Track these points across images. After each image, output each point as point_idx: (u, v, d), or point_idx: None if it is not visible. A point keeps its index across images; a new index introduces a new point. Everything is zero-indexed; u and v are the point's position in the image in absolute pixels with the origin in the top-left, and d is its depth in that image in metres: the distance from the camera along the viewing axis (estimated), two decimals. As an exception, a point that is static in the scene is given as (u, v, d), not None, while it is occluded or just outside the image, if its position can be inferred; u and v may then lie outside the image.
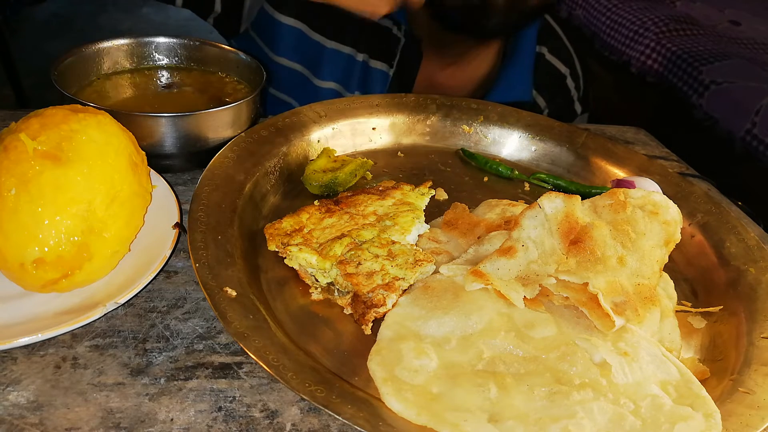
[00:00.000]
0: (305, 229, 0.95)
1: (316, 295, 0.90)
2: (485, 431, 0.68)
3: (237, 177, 1.01)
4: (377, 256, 0.89)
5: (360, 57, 1.59)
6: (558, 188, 1.23)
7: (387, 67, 1.59)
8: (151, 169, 0.96)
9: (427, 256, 0.91)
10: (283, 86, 1.65)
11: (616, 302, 0.83)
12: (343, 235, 0.93)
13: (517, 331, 0.80)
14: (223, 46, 1.26)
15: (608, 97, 3.51)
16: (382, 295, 0.84)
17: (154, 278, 0.85)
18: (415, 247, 0.93)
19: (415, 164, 1.25)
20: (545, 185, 1.24)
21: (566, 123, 1.36)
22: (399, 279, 0.86)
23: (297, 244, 0.91)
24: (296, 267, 0.91)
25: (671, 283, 0.97)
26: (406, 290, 0.87)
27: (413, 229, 0.96)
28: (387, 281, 0.86)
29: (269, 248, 0.93)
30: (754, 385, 0.80)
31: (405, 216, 0.98)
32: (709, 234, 1.10)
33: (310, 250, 0.90)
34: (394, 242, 0.92)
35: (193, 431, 0.70)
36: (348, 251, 0.90)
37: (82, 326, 0.78)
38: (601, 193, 1.04)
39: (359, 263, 0.88)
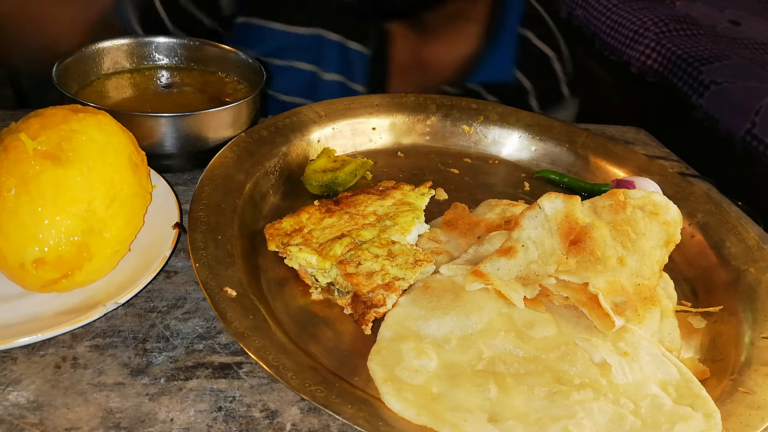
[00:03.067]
0: (305, 229, 0.95)
1: (316, 295, 0.90)
2: (485, 431, 0.68)
3: (237, 177, 1.01)
4: (377, 256, 0.89)
5: (332, 37, 1.58)
6: (565, 185, 1.24)
7: (363, 47, 1.59)
8: (151, 169, 0.96)
9: (427, 256, 0.91)
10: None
11: (616, 302, 0.83)
12: (343, 235, 0.93)
13: (517, 331, 0.80)
14: (223, 46, 1.26)
15: (608, 97, 3.51)
16: (382, 295, 0.84)
17: (154, 278, 0.85)
18: (415, 247, 0.93)
19: (415, 164, 1.25)
20: (554, 179, 1.25)
21: (565, 123, 1.36)
22: (399, 279, 0.86)
23: (297, 244, 0.91)
24: (296, 267, 0.91)
25: (671, 283, 0.97)
26: (406, 290, 0.87)
27: (413, 229, 0.96)
28: (387, 281, 0.86)
29: (269, 248, 0.93)
30: (754, 385, 0.80)
31: (405, 216, 0.98)
32: (709, 234, 1.10)
33: (310, 250, 0.90)
34: (394, 242, 0.92)
35: (193, 431, 0.70)
36: (348, 251, 0.90)
37: (82, 326, 0.78)
38: (608, 190, 1.04)
39: (359, 263, 0.88)
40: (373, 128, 1.27)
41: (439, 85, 1.64)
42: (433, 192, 1.10)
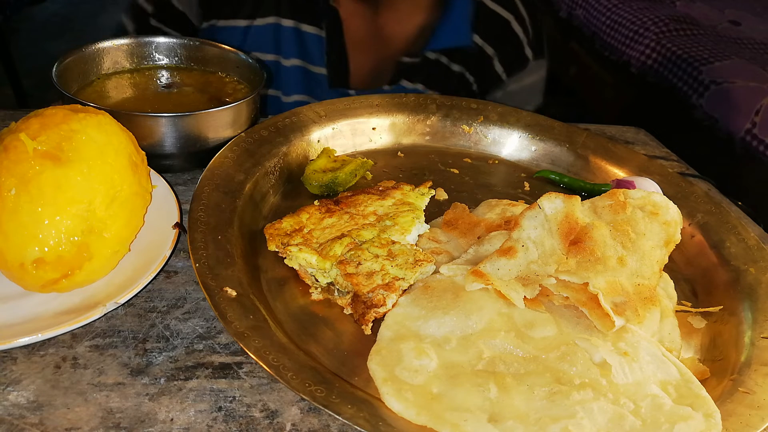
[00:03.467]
0: (305, 229, 0.95)
1: (316, 295, 0.90)
2: (485, 431, 0.68)
3: (237, 177, 1.01)
4: (377, 256, 0.89)
5: (287, 24, 1.59)
6: (565, 185, 1.25)
7: (317, 29, 1.59)
8: (151, 169, 0.96)
9: (427, 256, 0.91)
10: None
11: (616, 302, 0.83)
12: (343, 235, 0.93)
13: (517, 331, 0.80)
14: (223, 46, 1.26)
15: (608, 97, 3.51)
16: (382, 295, 0.84)
17: (154, 278, 0.85)
18: (415, 247, 0.93)
19: (415, 164, 1.25)
20: (554, 179, 1.25)
21: (565, 123, 1.36)
22: (399, 279, 0.86)
23: (297, 244, 0.91)
24: (296, 267, 0.91)
25: (671, 283, 0.97)
26: (406, 290, 0.87)
27: (413, 229, 0.96)
28: (387, 281, 0.86)
29: (269, 248, 0.93)
30: (754, 385, 0.80)
31: (405, 216, 0.98)
32: (709, 234, 1.10)
33: (310, 250, 0.90)
34: (394, 242, 0.92)
35: (193, 431, 0.70)
36: (348, 251, 0.90)
37: (82, 326, 0.78)
38: (608, 190, 1.04)
39: (359, 263, 0.88)
40: (373, 128, 1.27)
41: (398, 57, 1.63)
42: (433, 192, 1.10)
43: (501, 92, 1.73)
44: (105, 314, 0.80)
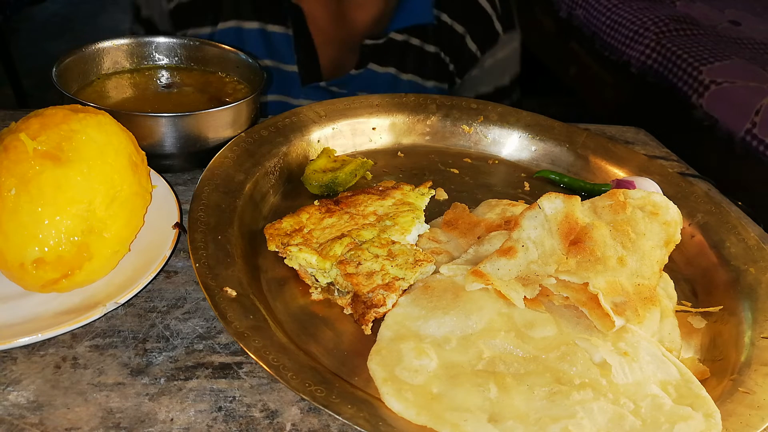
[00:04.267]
0: (305, 229, 0.95)
1: (316, 295, 0.90)
2: (485, 431, 0.68)
3: (237, 177, 1.01)
4: (377, 256, 0.89)
5: (250, 26, 1.59)
6: (565, 185, 1.25)
7: (284, 28, 1.59)
8: (151, 169, 0.96)
9: (427, 256, 0.91)
10: None
11: (616, 302, 0.83)
12: (343, 235, 0.93)
13: (517, 331, 0.80)
14: (223, 46, 1.26)
15: (608, 97, 3.52)
16: (382, 295, 0.84)
17: (154, 278, 0.85)
18: (415, 247, 0.93)
19: (415, 164, 1.25)
20: (554, 179, 1.25)
21: (565, 123, 1.36)
22: (399, 279, 0.86)
23: (297, 244, 0.91)
24: (296, 267, 0.91)
25: (671, 283, 0.97)
26: (406, 290, 0.87)
27: (413, 229, 0.96)
28: (387, 281, 0.86)
29: (269, 248, 0.93)
30: (754, 385, 0.80)
31: (405, 216, 0.98)
32: (709, 234, 1.10)
33: (310, 250, 0.90)
34: (394, 242, 0.92)
35: (193, 431, 0.70)
36: (348, 251, 0.90)
37: (82, 326, 0.78)
38: (608, 190, 1.04)
39: (359, 263, 0.88)
40: (373, 128, 1.27)
41: (362, 40, 1.62)
42: (433, 192, 1.10)
43: (477, 70, 1.73)
44: (105, 314, 0.80)
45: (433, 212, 1.07)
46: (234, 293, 0.80)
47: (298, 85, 1.63)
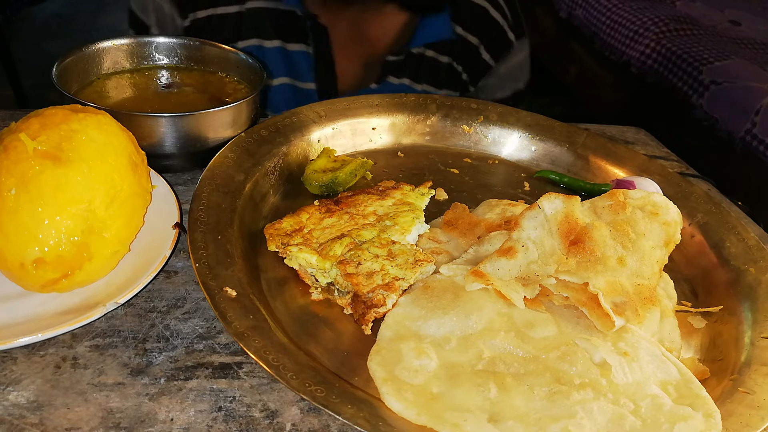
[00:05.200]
0: (305, 229, 0.95)
1: (316, 295, 0.90)
2: (485, 431, 0.68)
3: (237, 177, 1.01)
4: (377, 256, 0.89)
5: (270, 44, 1.61)
6: (565, 185, 1.25)
7: (305, 47, 1.61)
8: (151, 169, 0.96)
9: (427, 256, 0.91)
10: None
11: (616, 302, 0.83)
12: (343, 235, 0.93)
13: (517, 331, 0.80)
14: (223, 46, 1.26)
15: (608, 97, 3.52)
16: (382, 295, 0.84)
17: (154, 278, 0.85)
18: (415, 247, 0.93)
19: (415, 164, 1.25)
20: (554, 179, 1.25)
21: (565, 123, 1.36)
22: (399, 279, 0.86)
23: (297, 244, 0.91)
24: (296, 267, 0.91)
25: (671, 283, 0.97)
26: (406, 290, 0.87)
27: (413, 229, 0.96)
28: (387, 281, 0.86)
29: (269, 248, 0.93)
30: (754, 385, 0.80)
31: (405, 216, 0.98)
32: (709, 234, 1.10)
33: (310, 250, 0.90)
34: (394, 242, 0.92)
35: (193, 431, 0.70)
36: (348, 251, 0.90)
37: (82, 326, 0.78)
38: (608, 190, 1.04)
39: (359, 263, 0.88)
40: (373, 128, 1.27)
41: (383, 56, 1.64)
42: (433, 192, 1.10)
43: (493, 78, 1.76)
44: (105, 314, 0.80)
45: (433, 212, 1.07)
46: (234, 293, 0.80)
47: (312, 102, 1.66)
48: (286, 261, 0.92)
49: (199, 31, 1.60)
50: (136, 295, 0.83)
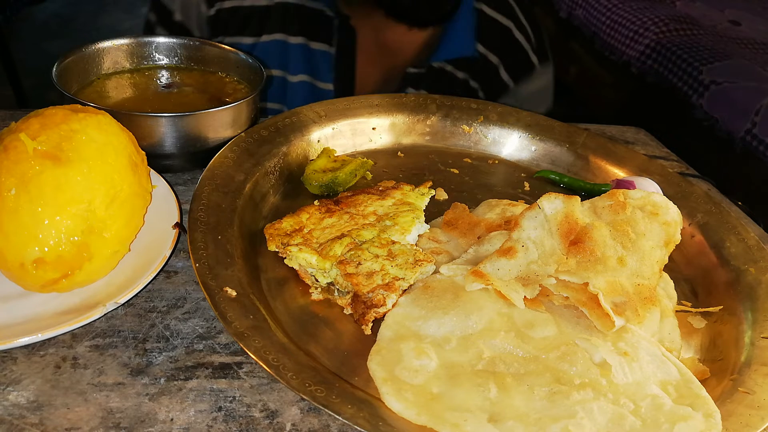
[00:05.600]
0: (305, 229, 0.95)
1: (316, 295, 0.90)
2: (485, 431, 0.68)
3: (237, 177, 1.01)
4: (377, 256, 0.89)
5: (294, 41, 1.61)
6: (565, 185, 1.25)
7: (327, 47, 1.62)
8: (151, 169, 0.96)
9: (427, 256, 0.91)
10: None
11: (616, 302, 0.83)
12: (343, 235, 0.93)
13: (517, 331, 0.80)
14: (223, 46, 1.26)
15: (608, 97, 3.51)
16: (382, 295, 0.84)
17: (154, 278, 0.85)
18: (415, 247, 0.93)
19: (415, 164, 1.25)
20: (554, 179, 1.25)
21: (565, 123, 1.36)
22: (399, 279, 0.86)
23: (297, 244, 0.91)
24: (296, 267, 0.91)
25: (671, 283, 0.97)
26: (406, 290, 0.87)
27: (413, 229, 0.96)
28: (387, 281, 0.86)
29: (269, 248, 0.93)
30: (754, 385, 0.80)
31: (405, 216, 0.98)
32: (709, 234, 1.10)
33: (310, 250, 0.90)
34: (394, 242, 0.92)
35: (193, 431, 0.70)
36: (348, 251, 0.90)
37: (82, 326, 0.78)
38: (608, 190, 1.04)
39: (359, 263, 0.88)
40: (373, 128, 1.27)
41: (404, 68, 1.65)
42: (433, 192, 1.10)
43: (511, 99, 1.76)
44: (105, 314, 0.80)
45: (433, 212, 1.07)
46: (234, 293, 0.80)
47: None
48: (286, 261, 0.92)
49: (223, 21, 1.59)
50: (136, 295, 0.83)
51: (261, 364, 0.70)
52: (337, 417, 0.66)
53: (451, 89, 1.68)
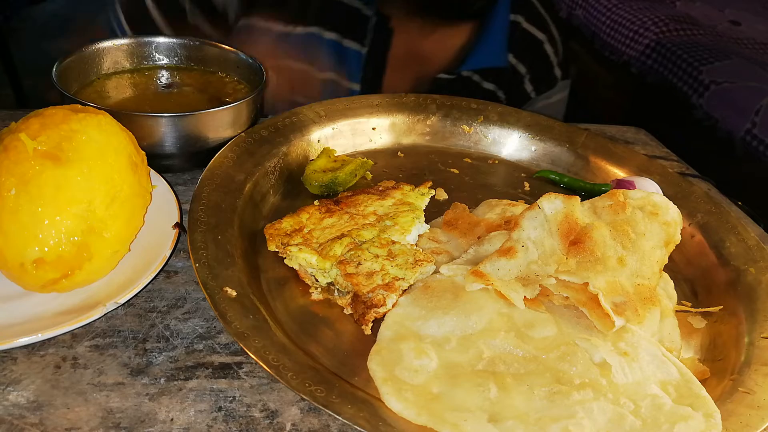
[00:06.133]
0: (305, 229, 0.95)
1: (316, 295, 0.90)
2: (485, 431, 0.68)
3: (237, 177, 1.01)
4: (377, 256, 0.89)
5: (328, 36, 1.61)
6: (565, 185, 1.25)
7: (359, 46, 1.61)
8: (151, 169, 0.96)
9: (427, 256, 0.91)
10: None
11: (616, 302, 0.83)
12: (343, 235, 0.93)
13: (517, 331, 0.80)
14: (223, 46, 1.26)
15: (608, 97, 3.51)
16: (382, 295, 0.84)
17: (154, 278, 0.85)
18: (415, 247, 0.93)
19: (415, 164, 1.25)
20: (554, 179, 1.25)
21: (565, 123, 1.36)
22: (399, 279, 0.86)
23: (297, 244, 0.91)
24: (296, 267, 0.91)
25: (671, 283, 0.97)
26: (406, 290, 0.87)
27: (413, 229, 0.96)
28: (387, 281, 0.86)
29: (269, 248, 0.93)
30: (754, 385, 0.80)
31: (405, 216, 0.98)
32: (709, 234, 1.10)
33: (310, 250, 0.90)
34: (394, 242, 0.92)
35: (193, 431, 0.70)
36: (348, 251, 0.89)
37: (82, 326, 0.78)
38: (608, 190, 1.04)
39: (359, 263, 0.88)
40: (373, 128, 1.27)
41: (434, 76, 1.66)
42: (433, 192, 1.10)
43: (528, 109, 1.78)
44: (105, 314, 0.80)
45: (433, 212, 1.07)
46: (234, 293, 0.80)
47: None
48: (286, 261, 0.92)
49: (261, 6, 1.58)
50: (136, 295, 0.83)
51: (261, 364, 0.70)
52: (337, 417, 0.66)
53: (478, 98, 1.70)
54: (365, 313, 0.83)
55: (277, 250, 0.93)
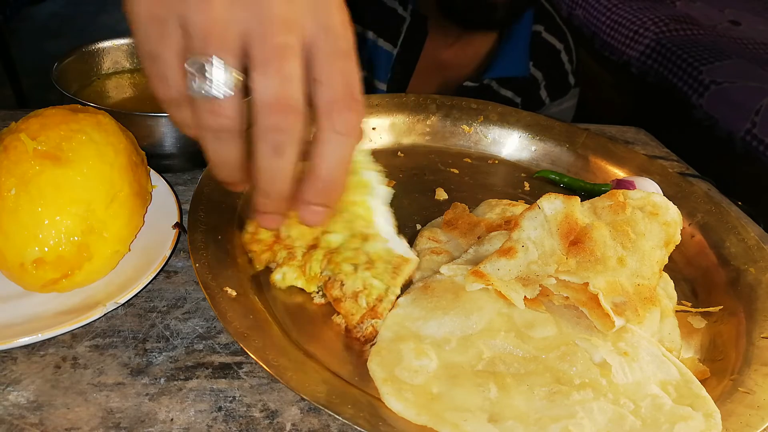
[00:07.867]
0: (283, 234, 0.86)
1: (317, 299, 0.89)
2: (485, 431, 0.68)
3: (237, 177, 1.01)
4: (356, 267, 0.82)
5: (369, 35, 1.63)
6: (565, 185, 1.25)
7: (391, 47, 1.62)
8: (151, 169, 0.96)
9: (404, 259, 0.82)
10: None
11: (616, 302, 0.83)
12: (315, 246, 0.85)
13: (517, 331, 0.80)
14: (223, 46, 1.26)
15: (608, 97, 3.52)
16: (372, 325, 0.81)
17: (154, 278, 0.85)
18: (390, 249, 0.83)
19: (415, 164, 1.25)
20: (554, 179, 1.26)
21: (565, 123, 1.36)
22: (384, 297, 0.81)
23: (281, 264, 0.85)
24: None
25: (671, 283, 0.97)
26: (399, 296, 0.85)
27: (374, 214, 0.82)
28: (372, 304, 0.81)
29: (257, 268, 0.88)
30: (754, 385, 0.80)
31: (357, 201, 0.82)
32: (709, 234, 1.10)
33: (295, 270, 0.85)
34: (366, 237, 0.83)
35: (193, 431, 0.70)
36: (326, 265, 0.84)
37: (82, 326, 0.78)
38: (608, 190, 1.05)
39: (342, 283, 0.83)
40: (373, 128, 1.27)
41: (460, 83, 1.67)
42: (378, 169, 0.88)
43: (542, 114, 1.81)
44: (105, 314, 0.80)
45: (433, 212, 1.07)
46: (234, 293, 0.80)
47: None
48: (277, 285, 0.86)
49: None
50: (136, 295, 0.83)
51: (261, 364, 0.70)
52: (337, 417, 0.66)
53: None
54: (363, 347, 0.80)
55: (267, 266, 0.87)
